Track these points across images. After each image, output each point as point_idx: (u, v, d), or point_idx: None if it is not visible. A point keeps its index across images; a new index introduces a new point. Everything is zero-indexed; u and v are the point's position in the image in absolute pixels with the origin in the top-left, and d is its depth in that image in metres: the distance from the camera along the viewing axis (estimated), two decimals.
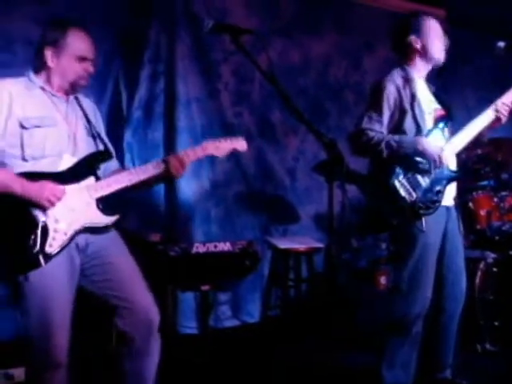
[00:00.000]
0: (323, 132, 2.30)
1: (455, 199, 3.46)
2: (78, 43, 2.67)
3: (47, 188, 2.53)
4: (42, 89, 2.69)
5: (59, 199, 2.56)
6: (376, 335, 3.46)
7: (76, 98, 2.82)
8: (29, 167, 2.58)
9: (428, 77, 3.49)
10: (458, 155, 3.46)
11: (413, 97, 3.30)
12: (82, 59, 2.68)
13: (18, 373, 3.34)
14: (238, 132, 5.27)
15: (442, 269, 3.37)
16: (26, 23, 4.23)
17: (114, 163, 2.93)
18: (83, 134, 2.77)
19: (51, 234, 2.53)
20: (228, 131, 5.20)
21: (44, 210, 2.53)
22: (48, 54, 2.66)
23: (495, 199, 4.70)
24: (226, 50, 4.83)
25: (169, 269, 2.21)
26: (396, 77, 3.34)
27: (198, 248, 2.22)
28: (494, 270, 4.59)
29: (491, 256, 4.63)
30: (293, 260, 5.27)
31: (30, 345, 2.57)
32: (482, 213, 4.71)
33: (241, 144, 2.99)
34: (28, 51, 4.21)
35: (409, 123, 3.28)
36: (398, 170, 3.20)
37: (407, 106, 3.29)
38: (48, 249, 2.51)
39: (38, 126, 2.60)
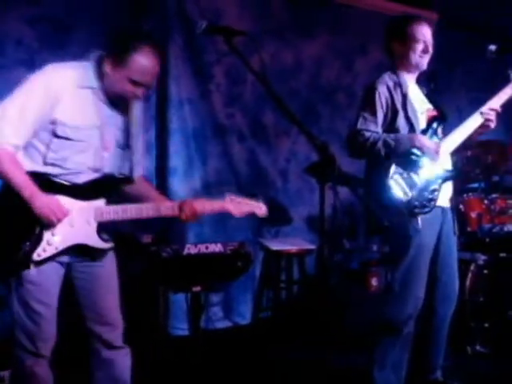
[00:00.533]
0: (315, 134, 2.30)
1: (451, 200, 3.47)
2: (137, 66, 2.52)
3: (53, 206, 2.50)
4: (93, 90, 2.60)
5: (59, 221, 2.52)
6: (367, 336, 3.46)
7: (126, 102, 2.71)
8: (47, 170, 2.55)
9: (418, 79, 3.50)
10: (451, 156, 3.48)
11: (404, 97, 3.33)
12: (135, 83, 2.55)
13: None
14: (230, 133, 5.28)
15: (435, 270, 3.39)
16: (18, 24, 4.22)
17: (139, 170, 2.89)
18: (114, 147, 2.69)
19: (43, 244, 2.51)
20: (220, 132, 5.21)
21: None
22: (107, 61, 2.56)
23: (486, 201, 4.72)
24: (219, 51, 4.82)
25: (160, 270, 2.20)
26: (387, 79, 3.37)
27: (190, 249, 2.22)
28: (485, 271, 4.62)
29: (482, 258, 4.65)
30: (285, 261, 5.27)
31: (17, 332, 2.57)
32: (473, 215, 4.72)
33: (261, 209, 2.91)
34: (19, 52, 4.21)
35: (402, 123, 3.31)
36: (393, 169, 3.21)
37: (399, 106, 3.31)
38: (35, 257, 2.49)
39: (69, 139, 2.54)
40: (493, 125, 3.40)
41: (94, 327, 2.72)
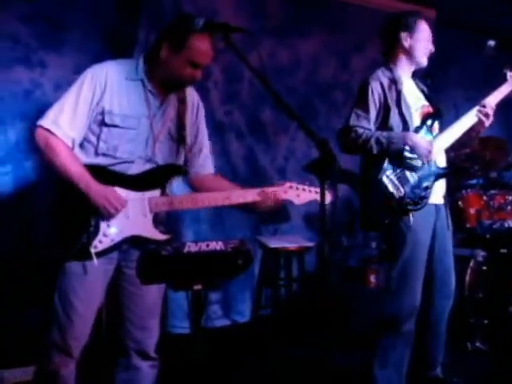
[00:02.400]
0: (315, 131, 2.29)
1: (445, 197, 3.47)
2: (197, 48, 2.56)
3: (111, 196, 2.52)
4: (142, 82, 2.64)
5: (118, 211, 2.54)
6: (368, 335, 3.46)
7: (181, 95, 2.75)
8: (99, 161, 2.59)
9: (414, 75, 3.50)
10: (447, 153, 3.48)
11: (398, 94, 3.32)
12: (195, 65, 2.59)
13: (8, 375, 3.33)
14: (228, 131, 5.27)
15: (430, 267, 3.38)
16: (14, 23, 4.21)
17: (208, 166, 2.94)
18: (166, 138, 2.72)
19: (99, 236, 2.53)
20: (218, 130, 5.20)
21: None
22: (165, 46, 2.58)
23: (484, 198, 4.72)
24: (216, 48, 4.81)
25: (161, 268, 2.19)
26: (380, 75, 3.36)
27: (190, 247, 2.20)
28: (484, 268, 4.62)
29: (481, 254, 4.65)
30: (283, 259, 5.27)
31: (50, 325, 2.57)
32: (472, 211, 4.72)
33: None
34: (16, 51, 4.20)
35: (395, 120, 3.30)
36: (386, 165, 3.22)
37: (393, 102, 3.31)
38: (92, 249, 2.50)
39: (118, 126, 2.59)
40: (488, 122, 3.38)
41: (132, 330, 2.71)
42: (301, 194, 2.77)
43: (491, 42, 3.36)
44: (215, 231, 5.07)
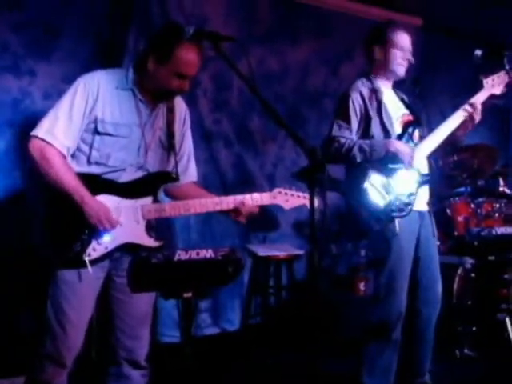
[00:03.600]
0: (303, 138, 2.30)
1: (429, 204, 3.49)
2: (183, 60, 2.57)
3: (104, 214, 2.53)
4: (133, 91, 2.66)
5: (110, 228, 2.54)
6: (356, 342, 3.46)
7: (169, 104, 2.77)
8: (91, 170, 2.60)
9: (399, 83, 3.52)
10: (435, 161, 3.51)
11: (379, 104, 3.35)
12: (181, 76, 2.61)
13: None
14: (216, 139, 5.27)
15: (416, 274, 3.41)
16: (2, 30, 4.17)
17: (191, 174, 2.96)
18: (157, 146, 2.75)
19: (93, 244, 2.54)
20: (207, 138, 5.20)
21: None
22: (151, 58, 2.60)
23: (472, 205, 4.75)
24: (205, 56, 4.82)
25: (151, 276, 2.19)
26: (360, 86, 3.39)
27: (181, 255, 2.21)
28: (472, 275, 4.64)
29: (469, 262, 4.67)
30: (273, 267, 5.27)
31: (43, 335, 2.57)
32: (460, 219, 4.75)
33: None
34: (4, 59, 4.18)
35: (377, 129, 3.34)
36: (369, 173, 3.24)
37: (374, 112, 3.34)
38: (85, 256, 2.51)
39: (110, 135, 2.61)
40: (478, 118, 3.40)
41: (123, 339, 2.72)
42: (289, 199, 2.84)
43: (478, 52, 3.39)
44: (204, 240, 5.06)
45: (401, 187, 3.25)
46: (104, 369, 2.78)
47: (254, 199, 2.78)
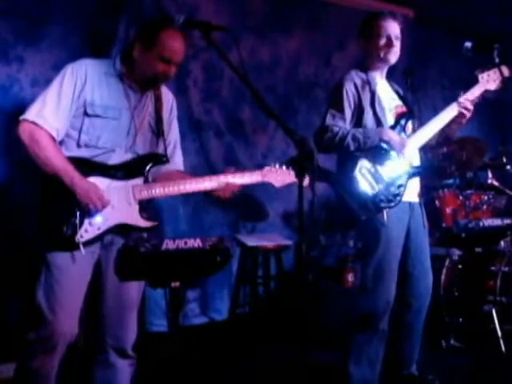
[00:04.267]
0: (294, 129, 2.30)
1: (419, 196, 3.50)
2: (167, 44, 2.63)
3: (95, 193, 2.55)
4: (121, 78, 2.70)
5: (102, 208, 2.56)
6: (343, 332, 3.48)
7: (156, 92, 2.80)
8: (81, 153, 2.61)
9: (388, 75, 3.53)
10: (425, 153, 3.52)
11: (372, 95, 3.36)
12: (166, 61, 2.64)
13: None
14: (207, 129, 5.26)
15: (406, 266, 3.41)
16: None
17: (177, 162, 2.97)
18: (146, 130, 2.77)
19: (85, 225, 2.55)
20: (197, 128, 5.19)
21: None
22: (137, 46, 2.66)
23: (460, 197, 4.77)
24: (196, 46, 4.80)
25: (139, 265, 2.19)
26: (354, 76, 3.40)
27: (168, 244, 2.21)
28: (459, 267, 4.67)
29: (456, 253, 4.71)
30: (261, 257, 5.28)
31: (33, 320, 2.57)
32: (448, 211, 4.77)
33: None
34: None
35: (370, 120, 3.34)
36: (360, 163, 3.25)
37: (367, 103, 3.35)
38: (78, 238, 2.52)
39: (99, 116, 2.63)
40: (468, 115, 3.41)
41: (110, 327, 2.73)
42: (280, 176, 2.94)
43: (468, 44, 3.40)
44: (193, 229, 5.06)
45: (391, 178, 3.26)
46: (91, 357, 2.78)
47: (244, 177, 2.87)
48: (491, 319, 4.30)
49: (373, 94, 3.36)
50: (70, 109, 2.61)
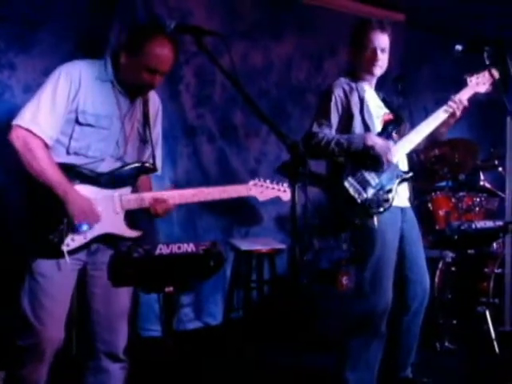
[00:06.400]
0: (286, 133, 2.31)
1: (410, 200, 3.52)
2: (153, 54, 2.58)
3: (88, 206, 2.54)
4: (112, 83, 2.67)
5: (95, 221, 2.56)
6: (338, 336, 3.48)
7: (145, 98, 2.79)
8: (70, 160, 2.59)
9: (380, 81, 3.54)
10: (417, 156, 3.53)
11: (361, 102, 3.37)
12: (151, 70, 2.61)
13: None
14: (199, 134, 5.26)
15: (403, 270, 3.42)
16: None
17: (158, 168, 2.91)
18: (135, 139, 2.76)
19: (72, 234, 2.53)
20: (190, 133, 5.19)
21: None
22: (123, 52, 2.63)
23: (453, 200, 4.78)
24: (188, 51, 4.81)
25: (132, 270, 2.19)
26: (343, 82, 3.41)
27: (162, 249, 2.20)
28: (453, 269, 4.68)
29: (450, 255, 4.71)
30: (255, 261, 5.28)
31: (20, 328, 2.55)
32: (441, 213, 4.78)
33: (285, 193, 2.92)
34: None
35: (358, 126, 3.36)
36: (348, 170, 3.26)
37: (356, 109, 3.36)
38: (64, 247, 2.50)
39: (91, 126, 2.60)
40: (459, 114, 3.42)
41: (101, 332, 2.71)
42: (264, 191, 2.89)
43: (458, 47, 3.41)
44: (187, 234, 5.06)
45: (378, 183, 3.27)
46: (83, 363, 2.77)
47: (229, 191, 2.82)
48: (485, 321, 4.31)
49: (361, 100, 3.38)
50: (64, 113, 2.58)
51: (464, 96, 3.44)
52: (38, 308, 2.53)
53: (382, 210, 3.25)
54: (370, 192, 3.25)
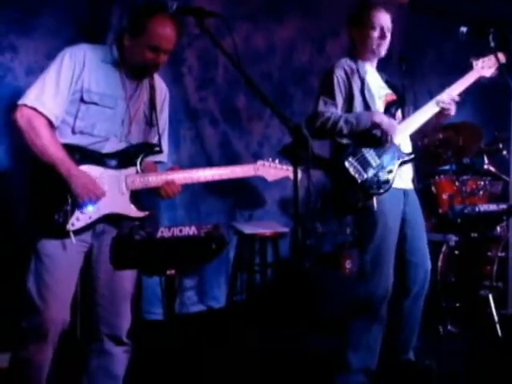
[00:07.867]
0: (288, 116, 2.30)
1: (413, 182, 3.51)
2: (155, 32, 2.58)
3: (93, 186, 2.54)
4: (117, 66, 2.67)
5: (96, 200, 2.55)
6: (341, 319, 3.49)
7: (151, 81, 2.79)
8: (75, 140, 2.59)
9: (382, 62, 3.53)
10: (421, 139, 3.52)
11: (362, 82, 3.37)
12: (155, 49, 2.60)
13: None
14: (202, 117, 5.25)
15: (404, 253, 3.42)
16: None
17: (165, 153, 2.92)
18: (141, 120, 2.76)
19: (77, 213, 2.53)
20: (193, 116, 5.18)
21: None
22: (126, 33, 2.63)
23: (457, 183, 4.77)
24: (190, 33, 4.78)
25: (134, 253, 2.19)
26: (344, 63, 3.41)
27: (164, 232, 2.20)
28: (456, 252, 4.68)
29: (453, 239, 4.71)
30: (258, 245, 5.29)
31: (24, 309, 2.56)
32: (445, 196, 4.78)
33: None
34: None
35: (359, 107, 3.36)
36: (349, 150, 3.27)
37: (357, 90, 3.37)
38: (69, 226, 2.51)
39: (96, 104, 2.61)
40: (452, 112, 3.43)
41: (104, 315, 2.72)
42: (273, 171, 2.89)
43: (463, 29, 3.38)
44: (190, 217, 5.07)
45: (380, 164, 3.27)
46: (86, 345, 2.78)
47: (236, 171, 2.82)
48: (488, 304, 4.32)
49: (362, 81, 3.37)
50: (67, 93, 2.58)
51: (470, 79, 3.46)
52: (43, 288, 2.54)
53: (381, 191, 3.25)
54: (371, 172, 3.25)
